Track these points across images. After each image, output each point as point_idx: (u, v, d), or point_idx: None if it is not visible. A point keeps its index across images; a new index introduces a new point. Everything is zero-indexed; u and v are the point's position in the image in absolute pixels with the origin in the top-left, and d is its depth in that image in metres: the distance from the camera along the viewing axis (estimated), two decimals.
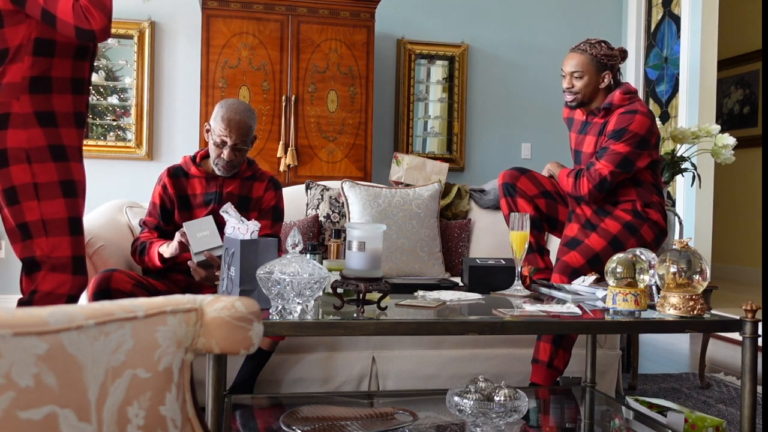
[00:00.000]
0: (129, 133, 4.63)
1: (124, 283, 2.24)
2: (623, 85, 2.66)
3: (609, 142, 2.56)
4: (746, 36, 6.85)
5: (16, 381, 0.71)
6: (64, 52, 2.00)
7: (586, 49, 2.64)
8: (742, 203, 6.94)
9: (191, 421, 0.91)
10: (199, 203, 2.55)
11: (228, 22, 4.26)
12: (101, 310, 0.81)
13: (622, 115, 2.57)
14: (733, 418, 2.77)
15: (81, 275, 2.04)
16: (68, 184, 2.01)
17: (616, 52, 2.66)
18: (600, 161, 2.56)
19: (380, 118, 4.96)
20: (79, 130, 2.09)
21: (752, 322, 1.77)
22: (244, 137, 2.46)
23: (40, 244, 1.97)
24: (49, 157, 1.97)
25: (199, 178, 2.56)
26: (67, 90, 2.03)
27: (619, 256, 1.94)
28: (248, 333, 0.92)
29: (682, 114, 4.83)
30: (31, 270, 2.01)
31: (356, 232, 1.74)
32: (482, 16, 5.19)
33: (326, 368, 2.65)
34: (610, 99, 2.64)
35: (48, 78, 1.99)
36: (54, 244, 1.98)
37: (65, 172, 2.01)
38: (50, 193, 1.97)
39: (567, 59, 2.68)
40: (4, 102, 1.95)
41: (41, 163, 1.96)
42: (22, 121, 1.95)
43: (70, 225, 2.01)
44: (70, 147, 2.03)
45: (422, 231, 3.32)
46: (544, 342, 2.53)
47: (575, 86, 2.65)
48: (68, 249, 2.00)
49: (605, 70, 2.64)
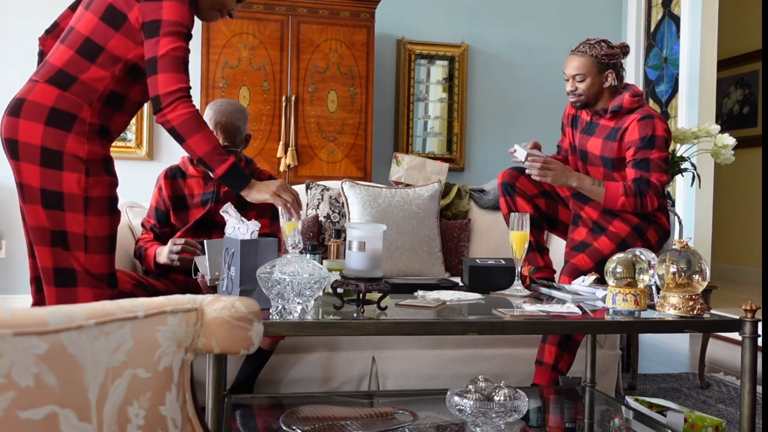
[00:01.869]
0: (129, 133, 4.63)
1: (124, 283, 2.24)
2: (630, 88, 2.64)
3: (644, 152, 2.53)
4: (746, 36, 6.85)
5: (17, 381, 0.71)
6: (141, 76, 1.97)
7: (586, 50, 2.62)
8: (742, 203, 6.94)
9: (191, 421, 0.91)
10: (196, 203, 2.56)
11: (228, 22, 4.26)
12: (101, 310, 0.81)
13: (641, 122, 2.55)
14: (733, 418, 2.78)
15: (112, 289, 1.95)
16: (113, 200, 1.95)
17: (617, 50, 2.64)
18: (653, 174, 2.53)
19: (380, 118, 4.96)
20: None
21: (752, 322, 1.77)
22: (231, 138, 2.49)
23: (79, 258, 1.86)
24: (103, 171, 1.90)
25: (196, 178, 2.58)
26: (129, 113, 2.00)
27: (618, 256, 1.94)
28: (248, 333, 0.92)
29: (682, 114, 4.83)
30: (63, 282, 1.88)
31: (356, 232, 1.74)
32: (482, 16, 5.19)
33: (326, 368, 2.65)
34: (618, 102, 2.62)
35: (123, 97, 1.94)
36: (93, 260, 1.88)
37: (112, 188, 1.95)
38: (99, 210, 1.89)
39: (568, 62, 2.66)
40: (76, 102, 1.87)
41: (97, 176, 1.88)
42: (89, 129, 1.87)
43: (110, 243, 1.93)
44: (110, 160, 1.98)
45: (422, 231, 3.32)
46: (549, 344, 2.53)
47: (579, 89, 2.64)
48: (105, 266, 1.91)
49: (607, 70, 2.63)
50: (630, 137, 2.57)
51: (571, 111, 2.82)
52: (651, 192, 2.52)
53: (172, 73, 1.84)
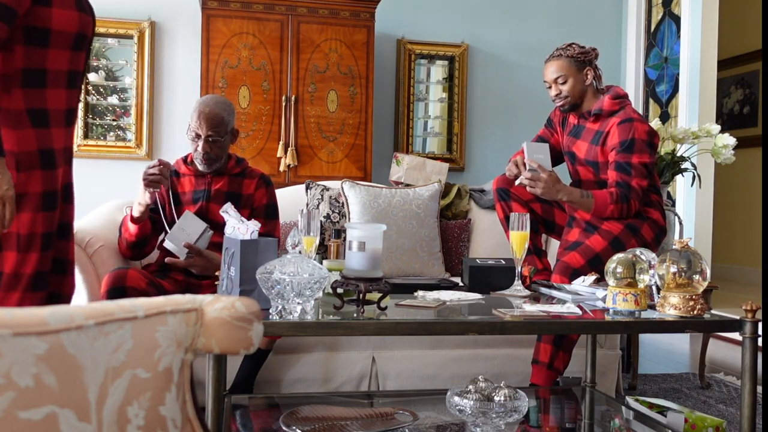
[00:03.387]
0: (129, 133, 4.63)
1: (138, 281, 2.26)
2: (612, 90, 2.69)
3: (624, 156, 2.55)
4: (746, 36, 6.85)
5: (16, 381, 0.71)
6: (61, 42, 1.79)
7: (560, 53, 2.69)
8: (742, 203, 6.94)
9: (191, 421, 0.91)
10: (188, 201, 2.58)
11: (228, 22, 4.26)
12: (101, 311, 0.81)
13: (621, 125, 2.58)
14: (733, 418, 2.77)
15: (40, 292, 1.83)
16: (50, 195, 1.81)
17: (589, 49, 2.71)
18: (634, 178, 2.54)
19: (380, 118, 4.96)
20: (68, 128, 1.88)
21: (752, 322, 1.77)
22: (216, 128, 2.49)
23: (8, 259, 1.76)
24: (38, 163, 1.77)
25: (189, 176, 2.60)
26: (62, 84, 1.82)
27: (619, 256, 1.94)
28: (248, 333, 0.92)
29: (682, 114, 4.83)
30: None
31: (356, 232, 1.74)
32: (482, 16, 5.19)
33: (326, 368, 2.65)
34: (599, 105, 2.66)
35: (43, 70, 1.77)
36: (21, 259, 1.77)
37: (50, 182, 1.80)
38: (30, 206, 1.77)
39: (546, 69, 2.72)
40: None
41: (29, 170, 1.75)
42: (14, 119, 1.73)
43: (42, 240, 1.80)
44: (57, 150, 1.83)
45: (422, 231, 3.32)
46: (544, 343, 2.53)
47: (563, 91, 2.68)
48: (33, 266, 1.79)
49: (586, 67, 2.68)
50: (611, 141, 2.60)
51: (559, 115, 2.85)
52: (633, 197, 2.55)
53: None
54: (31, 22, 1.73)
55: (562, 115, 2.84)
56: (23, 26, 1.72)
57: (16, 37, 1.73)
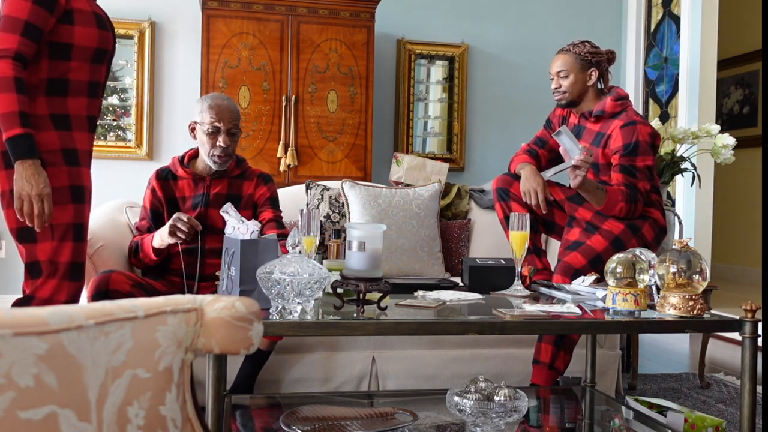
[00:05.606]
0: (129, 133, 4.63)
1: (122, 284, 2.24)
2: (614, 91, 2.68)
3: (629, 159, 2.56)
4: (746, 36, 6.85)
5: (16, 381, 0.71)
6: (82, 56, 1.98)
7: (570, 48, 2.70)
8: (742, 203, 6.94)
9: (191, 421, 0.91)
10: (188, 207, 2.55)
11: (228, 22, 4.26)
12: (101, 310, 0.81)
13: (624, 128, 2.58)
14: (733, 418, 2.77)
15: (77, 281, 2.02)
16: (78, 189, 1.99)
17: (602, 51, 2.71)
18: (639, 181, 2.55)
19: (380, 118, 4.96)
20: (91, 134, 2.08)
21: (752, 322, 1.77)
22: (235, 120, 2.51)
23: (45, 248, 1.94)
24: (62, 161, 1.96)
25: (186, 180, 2.57)
26: (84, 93, 2.01)
27: (619, 256, 1.94)
28: (248, 333, 0.92)
29: (682, 114, 4.83)
30: (32, 274, 1.98)
31: (356, 232, 1.74)
32: (482, 16, 5.19)
33: (326, 368, 2.65)
34: (601, 106, 2.66)
35: (66, 81, 1.97)
36: (56, 248, 1.96)
37: (77, 177, 1.99)
38: (60, 198, 1.95)
39: (553, 61, 2.73)
40: None
41: (54, 167, 1.94)
42: (37, 123, 1.92)
43: (74, 231, 1.99)
44: (81, 151, 2.02)
45: (422, 231, 3.32)
46: (545, 343, 2.53)
47: (562, 85, 2.69)
48: (69, 255, 1.97)
49: (591, 68, 2.68)
50: (614, 144, 2.60)
51: (561, 112, 2.85)
52: (639, 199, 2.56)
53: (7, 33, 1.86)
54: (55, 38, 1.94)
55: (562, 115, 2.84)
56: (48, 42, 1.93)
57: (41, 52, 1.93)
